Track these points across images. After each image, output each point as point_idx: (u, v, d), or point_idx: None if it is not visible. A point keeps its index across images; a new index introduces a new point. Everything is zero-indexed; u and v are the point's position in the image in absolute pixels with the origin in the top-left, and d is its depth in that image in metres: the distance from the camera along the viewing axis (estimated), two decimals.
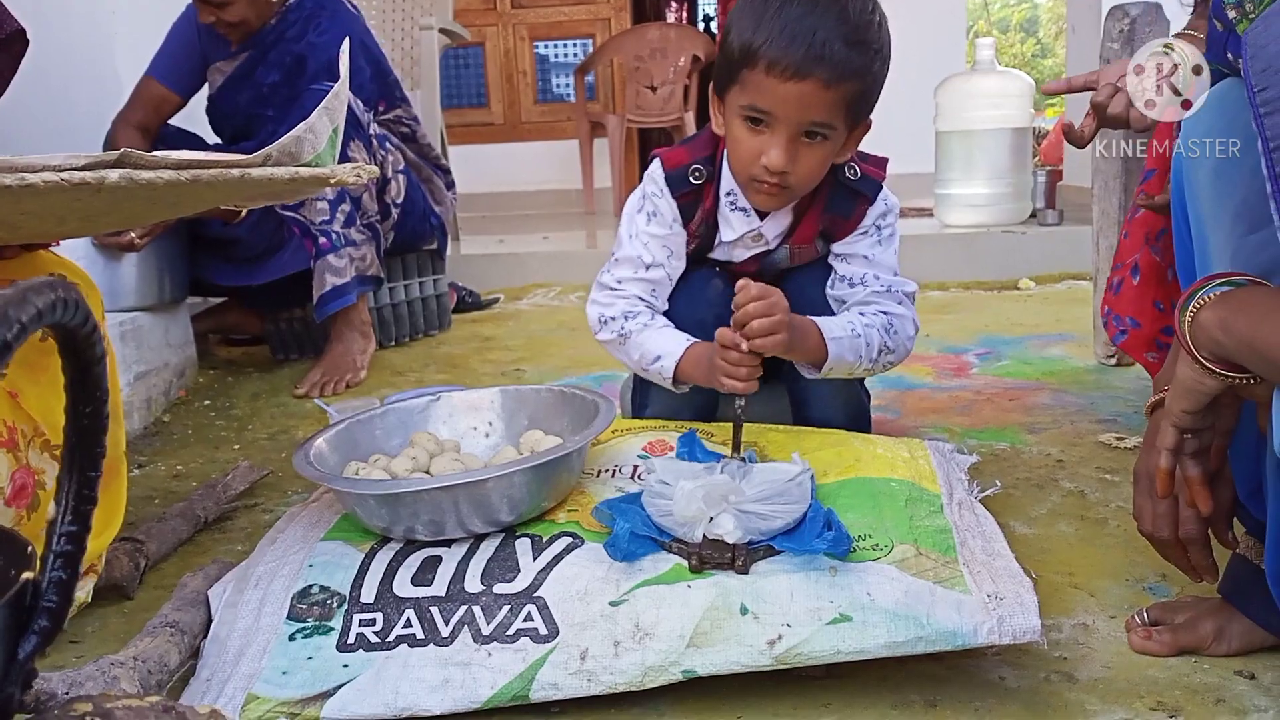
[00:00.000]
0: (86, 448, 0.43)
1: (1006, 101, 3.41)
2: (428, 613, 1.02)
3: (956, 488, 1.25)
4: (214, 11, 2.21)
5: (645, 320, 1.36)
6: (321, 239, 2.25)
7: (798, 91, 1.18)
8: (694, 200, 1.37)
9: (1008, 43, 16.23)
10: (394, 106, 2.54)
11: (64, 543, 0.44)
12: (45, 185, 0.62)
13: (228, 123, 2.45)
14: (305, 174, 0.85)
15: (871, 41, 1.21)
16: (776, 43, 1.17)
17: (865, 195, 1.36)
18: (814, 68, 1.16)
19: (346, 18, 2.38)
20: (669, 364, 1.31)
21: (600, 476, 1.26)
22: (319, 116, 0.91)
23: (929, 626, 0.95)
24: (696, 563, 1.03)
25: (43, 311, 0.34)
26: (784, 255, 1.40)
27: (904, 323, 1.36)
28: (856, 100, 1.23)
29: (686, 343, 1.31)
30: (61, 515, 0.44)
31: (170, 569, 1.34)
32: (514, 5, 5.42)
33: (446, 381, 2.28)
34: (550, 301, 3.28)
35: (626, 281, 1.39)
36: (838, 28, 1.17)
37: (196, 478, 1.72)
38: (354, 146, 2.27)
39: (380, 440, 1.31)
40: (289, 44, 2.32)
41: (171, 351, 2.20)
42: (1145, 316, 1.53)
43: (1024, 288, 3.19)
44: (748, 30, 1.19)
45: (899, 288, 1.38)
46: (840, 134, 1.25)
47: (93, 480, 0.44)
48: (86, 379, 0.40)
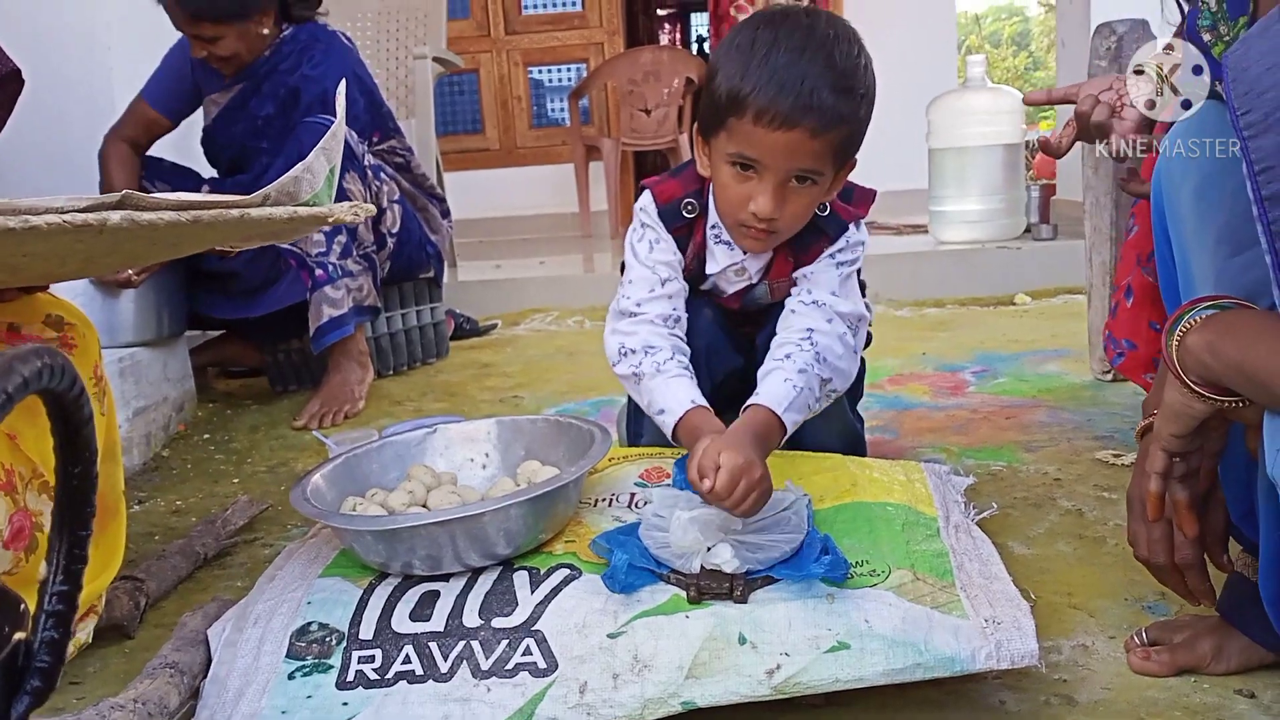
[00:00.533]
0: (77, 507, 0.43)
1: (998, 118, 3.43)
2: (426, 648, 1.02)
3: (953, 510, 1.25)
4: (205, 46, 2.23)
5: (661, 361, 1.30)
6: (318, 271, 2.26)
7: (786, 140, 1.17)
8: (686, 234, 1.37)
9: (1000, 57, 16.32)
10: (388, 137, 2.55)
11: (56, 602, 0.44)
12: (49, 227, 0.63)
13: (223, 154, 2.46)
14: (304, 213, 0.86)
15: (858, 87, 1.20)
16: (764, 91, 1.16)
17: (826, 234, 1.35)
18: (803, 117, 1.16)
19: (340, 50, 2.40)
20: (669, 420, 1.26)
21: (597, 506, 1.26)
22: (316, 156, 0.92)
23: (927, 653, 0.95)
24: (694, 593, 1.03)
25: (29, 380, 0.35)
26: (764, 291, 1.40)
27: (830, 341, 1.29)
28: (844, 145, 1.22)
29: (689, 404, 1.24)
30: (53, 575, 0.45)
31: (170, 607, 1.34)
32: (508, 31, 5.46)
33: (445, 410, 2.29)
34: (547, 326, 3.29)
35: (646, 303, 1.35)
36: (825, 75, 1.17)
37: (196, 513, 1.72)
38: (349, 178, 2.28)
39: (377, 474, 1.31)
40: (283, 76, 2.33)
41: (170, 386, 2.21)
42: (1141, 338, 1.54)
43: (1020, 303, 3.20)
44: (735, 77, 1.18)
45: (832, 305, 1.33)
46: (828, 178, 1.25)
47: (84, 539, 0.44)
48: (76, 440, 0.41)
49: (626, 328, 1.35)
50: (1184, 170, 0.99)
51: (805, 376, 1.24)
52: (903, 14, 5.25)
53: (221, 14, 2.18)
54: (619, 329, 1.36)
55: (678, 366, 1.30)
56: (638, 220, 1.39)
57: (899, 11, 5.25)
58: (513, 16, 5.46)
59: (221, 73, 2.34)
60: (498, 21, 5.44)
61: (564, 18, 5.49)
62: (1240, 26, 0.96)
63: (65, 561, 0.44)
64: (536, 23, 5.48)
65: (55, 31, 2.47)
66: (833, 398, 1.32)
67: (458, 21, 5.28)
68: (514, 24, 5.46)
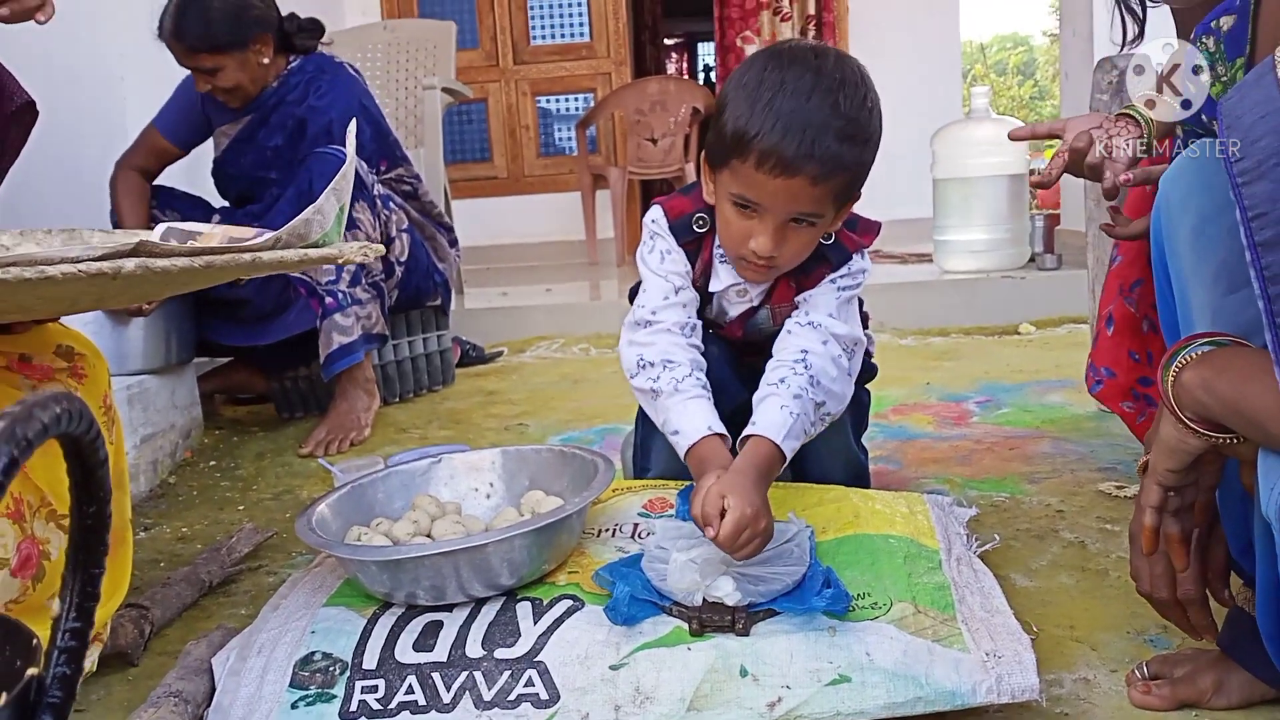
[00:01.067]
0: (91, 546, 0.44)
1: (1002, 148, 3.45)
2: (429, 679, 1.02)
3: (955, 543, 1.25)
4: (207, 79, 2.27)
5: (680, 378, 1.29)
6: (328, 299, 2.29)
7: (786, 187, 1.17)
8: (695, 249, 1.38)
9: (1005, 86, 16.39)
10: (395, 165, 2.58)
11: (69, 638, 0.45)
12: (64, 276, 0.64)
13: (233, 185, 2.49)
14: (314, 255, 0.87)
15: (862, 133, 1.20)
16: (768, 137, 1.16)
17: (829, 261, 1.36)
18: (804, 165, 1.16)
19: (347, 81, 2.43)
20: (683, 444, 1.26)
21: (601, 536, 1.27)
22: (326, 197, 0.93)
23: (928, 686, 0.96)
24: (696, 626, 1.04)
25: (48, 426, 0.36)
26: (766, 316, 1.41)
27: (824, 363, 1.29)
28: (846, 188, 1.23)
29: (704, 431, 1.24)
30: (66, 612, 0.46)
31: (175, 634, 1.35)
32: (516, 62, 5.51)
33: (450, 437, 2.30)
34: (553, 354, 3.30)
35: (661, 310, 1.34)
36: (830, 122, 1.16)
37: (202, 540, 1.73)
38: (359, 208, 2.31)
39: (382, 504, 1.32)
40: (290, 107, 2.37)
41: (177, 413, 2.22)
42: (1120, 366, 1.55)
43: (1024, 332, 3.21)
44: (742, 117, 1.18)
45: (828, 326, 1.33)
46: (828, 218, 1.25)
47: (96, 577, 0.45)
48: (90, 481, 0.42)
49: (644, 338, 1.34)
50: (1183, 207, 1.00)
51: (800, 402, 1.24)
52: (908, 45, 5.29)
53: (216, 44, 2.21)
54: (636, 340, 1.34)
55: (695, 385, 1.29)
56: (648, 232, 1.39)
57: (904, 42, 5.29)
58: (521, 47, 5.51)
59: (230, 105, 2.37)
60: (506, 52, 5.49)
61: (572, 48, 5.54)
62: (1238, 67, 0.97)
63: (78, 599, 0.45)
64: (545, 53, 5.54)
65: (69, 62, 2.51)
66: (828, 421, 1.31)
67: (467, 52, 5.34)
68: (522, 54, 5.51)
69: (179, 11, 2.19)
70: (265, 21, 2.28)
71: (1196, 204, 0.98)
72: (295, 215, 2.29)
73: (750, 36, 5.49)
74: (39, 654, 0.44)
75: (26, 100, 1.50)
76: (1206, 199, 0.96)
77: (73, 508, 0.44)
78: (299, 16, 2.40)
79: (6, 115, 1.46)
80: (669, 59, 9.31)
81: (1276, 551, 0.82)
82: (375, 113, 2.52)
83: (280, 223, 2.25)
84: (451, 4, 5.43)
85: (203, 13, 2.18)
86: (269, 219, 2.27)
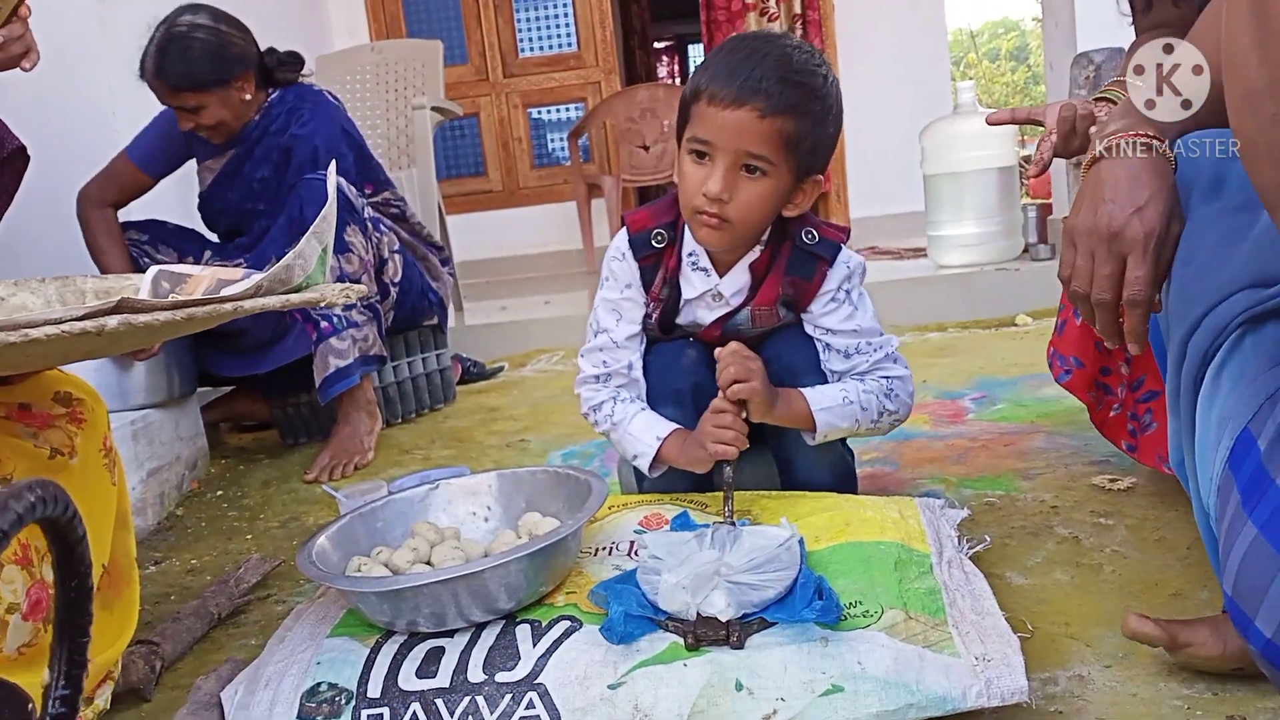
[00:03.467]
0: (75, 617, 0.46)
1: (990, 141, 3.46)
2: (433, 705, 1.04)
3: (947, 545, 1.27)
4: (191, 118, 2.29)
5: (619, 412, 1.44)
6: (323, 323, 2.31)
7: (734, 119, 1.26)
8: (655, 263, 1.43)
9: (999, 72, 16.36)
10: (381, 190, 2.61)
11: (59, 705, 0.47)
12: (48, 338, 0.67)
13: (220, 218, 2.52)
14: (296, 299, 0.90)
15: (810, 84, 1.28)
16: (719, 76, 1.27)
17: (824, 257, 1.41)
18: (749, 97, 1.25)
19: (327, 108, 2.46)
20: (644, 463, 1.40)
21: (598, 555, 1.29)
22: (308, 241, 0.95)
23: (919, 693, 0.98)
24: (692, 640, 1.06)
25: (23, 515, 0.38)
26: (745, 318, 1.44)
27: (905, 383, 1.44)
28: (795, 140, 1.29)
29: (655, 442, 1.39)
30: (55, 680, 0.48)
31: (186, 668, 1.37)
32: (506, 75, 5.54)
33: (453, 457, 2.32)
34: (553, 366, 3.33)
35: (589, 353, 1.49)
36: (776, 67, 1.26)
37: (211, 571, 1.76)
38: (350, 230, 2.33)
39: (382, 532, 1.35)
40: (274, 138, 2.39)
41: (182, 445, 2.25)
42: (1088, 357, 1.56)
43: (1021, 324, 3.22)
44: (698, 76, 1.31)
45: (889, 348, 1.44)
46: (781, 173, 1.31)
47: (83, 645, 0.48)
48: (71, 558, 0.44)
49: (584, 387, 1.49)
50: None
51: (864, 397, 1.39)
52: (894, 41, 5.31)
53: (200, 83, 2.24)
54: (579, 386, 1.49)
55: (624, 408, 1.43)
56: (610, 257, 1.46)
57: (890, 39, 5.31)
58: (510, 60, 5.54)
59: (213, 141, 2.40)
60: (495, 65, 5.53)
61: (561, 59, 5.57)
62: None
63: (67, 667, 0.47)
64: (534, 65, 5.57)
65: (59, 99, 2.53)
66: (896, 425, 1.45)
67: (456, 67, 5.37)
68: (511, 67, 5.55)
69: (160, 51, 2.21)
70: (246, 59, 2.31)
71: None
72: (288, 243, 2.32)
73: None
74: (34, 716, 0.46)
75: (18, 146, 1.53)
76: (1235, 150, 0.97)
77: (56, 582, 0.46)
78: (278, 51, 2.43)
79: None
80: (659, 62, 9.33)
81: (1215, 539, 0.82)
82: (357, 138, 2.55)
83: (273, 252, 2.28)
84: (439, 21, 5.47)
85: (183, 52, 2.20)
86: (261, 249, 2.30)
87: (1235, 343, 0.93)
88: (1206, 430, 0.86)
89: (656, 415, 1.40)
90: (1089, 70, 1.97)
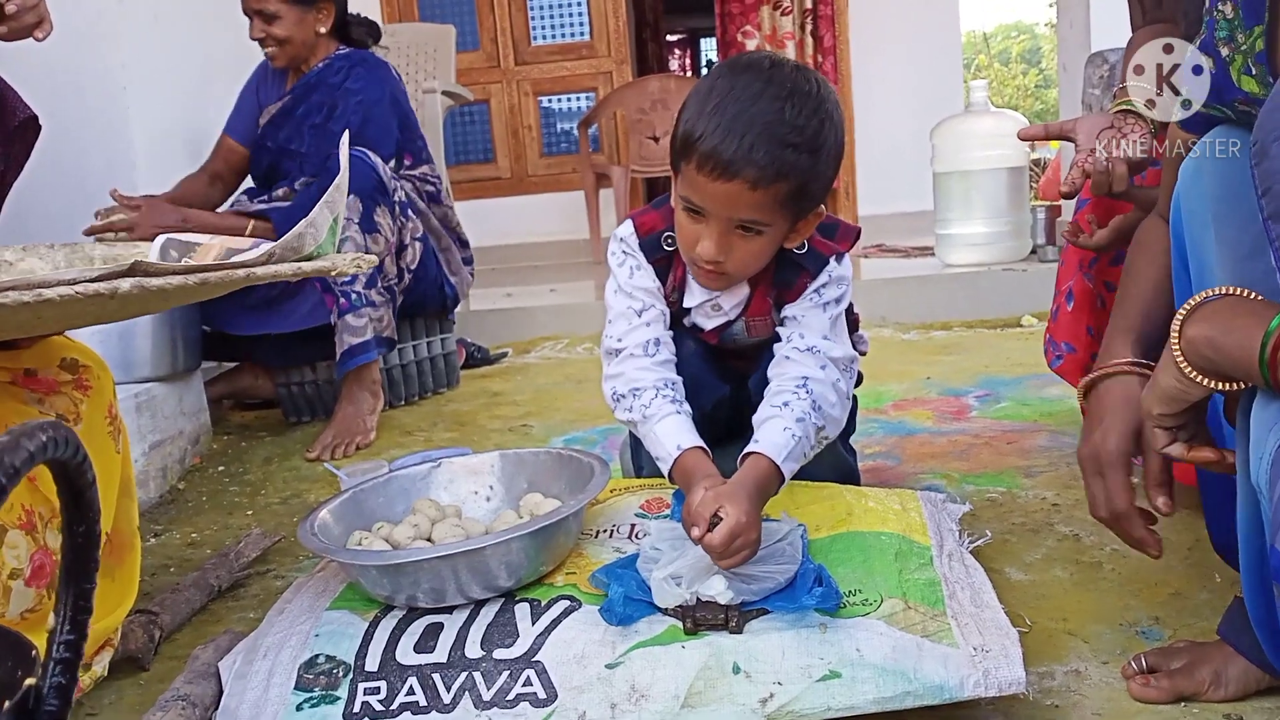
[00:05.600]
0: (82, 563, 0.47)
1: (1002, 141, 3.46)
2: (430, 680, 1.05)
3: (947, 539, 1.27)
4: (263, 26, 2.40)
5: (648, 403, 1.31)
6: (342, 299, 2.32)
7: (725, 191, 1.17)
8: (666, 266, 1.39)
9: (1009, 75, 16.31)
10: (420, 163, 2.66)
11: (63, 650, 0.48)
12: (61, 299, 0.67)
13: (264, 156, 2.60)
14: (308, 267, 0.90)
15: (806, 142, 1.18)
16: (709, 140, 1.16)
17: (807, 270, 1.35)
18: (741, 169, 1.16)
19: (383, 73, 2.56)
20: (665, 466, 1.28)
21: (598, 537, 1.29)
22: (320, 210, 0.96)
23: (916, 681, 0.98)
24: (690, 624, 1.06)
25: (35, 454, 0.38)
26: (741, 328, 1.41)
27: (824, 389, 1.30)
28: (791, 197, 1.21)
29: (678, 449, 1.25)
30: (61, 625, 0.48)
31: (184, 639, 1.38)
32: (518, 62, 5.54)
33: (454, 439, 2.32)
34: (558, 354, 3.33)
35: (627, 336, 1.36)
36: (770, 129, 1.16)
37: (211, 545, 1.76)
38: (380, 212, 2.35)
39: (384, 508, 1.35)
40: (329, 89, 2.50)
41: (186, 419, 2.25)
42: (1080, 342, 1.57)
43: (1026, 324, 3.22)
44: (689, 121, 1.20)
45: (825, 351, 1.33)
46: (778, 225, 1.24)
47: (89, 592, 0.48)
48: (79, 503, 0.44)
49: (614, 369, 1.36)
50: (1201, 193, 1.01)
51: (803, 425, 1.25)
52: (908, 38, 5.30)
53: None
54: (608, 373, 1.37)
55: (664, 404, 1.30)
56: (618, 247, 1.40)
57: (904, 35, 5.30)
58: (522, 47, 5.54)
59: (280, 84, 2.53)
60: (507, 53, 5.52)
61: (573, 48, 5.57)
62: (1257, 35, 0.95)
63: (72, 613, 0.48)
64: (545, 53, 5.56)
65: (71, 73, 2.54)
66: (823, 445, 1.32)
67: (468, 53, 5.37)
68: (523, 55, 5.54)
69: None
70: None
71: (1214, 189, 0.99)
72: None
73: (751, 31, 5.51)
74: (37, 665, 0.47)
75: (29, 115, 1.53)
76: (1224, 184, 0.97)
77: (64, 527, 0.46)
78: (363, 15, 2.59)
79: (10, 130, 1.49)
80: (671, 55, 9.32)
81: (1264, 520, 0.83)
82: (405, 107, 2.63)
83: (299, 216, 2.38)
84: (452, 6, 5.47)
85: None
86: (290, 210, 2.38)
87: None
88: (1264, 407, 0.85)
89: (686, 423, 1.29)
90: (1103, 70, 1.97)
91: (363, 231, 2.31)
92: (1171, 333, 0.88)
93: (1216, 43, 0.95)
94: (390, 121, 2.53)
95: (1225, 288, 0.87)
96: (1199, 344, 0.86)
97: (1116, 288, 1.50)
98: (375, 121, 2.48)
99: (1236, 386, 0.86)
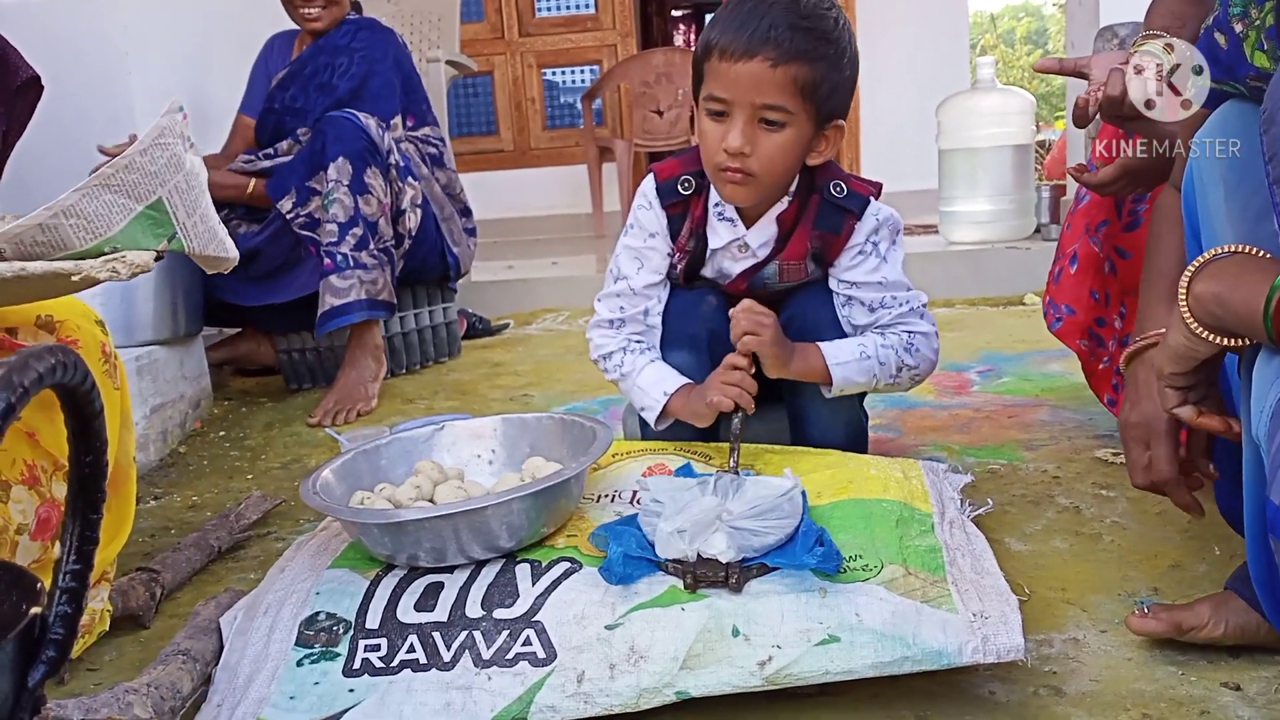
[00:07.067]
0: (89, 493, 0.46)
1: (1008, 119, 3.44)
2: (430, 638, 1.05)
3: (949, 507, 1.27)
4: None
5: (628, 363, 1.43)
6: (327, 259, 2.30)
7: (747, 72, 1.25)
8: (683, 211, 1.41)
9: (1015, 56, 16.22)
10: (422, 124, 2.67)
11: (69, 580, 0.48)
12: None
13: (270, 117, 2.62)
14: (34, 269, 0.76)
15: (820, 28, 1.27)
16: (728, 30, 1.26)
17: (852, 211, 1.39)
18: (760, 47, 1.24)
19: (387, 36, 2.61)
20: (651, 416, 1.41)
21: (600, 502, 1.29)
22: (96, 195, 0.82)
23: (915, 646, 0.98)
24: (691, 581, 1.06)
25: (43, 375, 0.38)
26: (773, 271, 1.43)
27: (928, 339, 1.42)
28: (811, 86, 1.27)
29: (663, 397, 1.38)
30: (66, 555, 0.48)
31: (185, 598, 1.38)
32: (522, 34, 5.50)
33: (455, 408, 2.32)
34: (559, 326, 3.32)
35: (605, 298, 1.46)
36: (785, 15, 1.25)
37: (212, 508, 1.76)
38: (370, 173, 2.33)
39: (386, 469, 1.35)
40: (335, 50, 2.56)
41: (187, 384, 2.25)
42: (1081, 305, 1.57)
43: (1029, 303, 3.21)
44: (708, 32, 1.29)
45: (916, 302, 1.42)
46: (801, 122, 1.29)
47: (94, 523, 0.48)
48: (87, 431, 0.44)
49: (596, 332, 1.47)
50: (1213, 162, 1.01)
51: (884, 352, 1.38)
52: (915, 15, 5.25)
53: None
54: (591, 332, 1.47)
55: (636, 358, 1.42)
56: (640, 199, 1.45)
57: (911, 12, 5.26)
58: (526, 19, 5.50)
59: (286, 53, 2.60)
60: (511, 24, 5.48)
61: (577, 20, 5.53)
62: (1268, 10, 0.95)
63: (78, 543, 0.48)
64: (550, 25, 5.52)
65: (73, 37, 2.52)
66: (916, 381, 1.43)
67: (472, 24, 5.33)
68: (528, 26, 5.50)
69: None
70: None
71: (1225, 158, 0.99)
72: (307, 176, 2.45)
73: None
74: (42, 595, 0.47)
75: (31, 75, 1.52)
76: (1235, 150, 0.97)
77: (71, 456, 0.46)
78: None
79: (11, 90, 1.48)
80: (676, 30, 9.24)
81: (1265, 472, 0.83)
82: (409, 67, 2.65)
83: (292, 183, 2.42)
84: None
85: None
86: (279, 176, 2.40)
87: None
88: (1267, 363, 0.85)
89: (666, 368, 1.39)
90: (1113, 44, 1.95)
91: (353, 193, 2.31)
92: (1179, 289, 0.88)
93: (1230, 19, 0.95)
94: (393, 80, 2.56)
95: (1233, 245, 0.87)
96: (1206, 300, 0.86)
97: (1127, 254, 1.49)
98: (378, 76, 2.53)
99: (1243, 343, 0.86)
